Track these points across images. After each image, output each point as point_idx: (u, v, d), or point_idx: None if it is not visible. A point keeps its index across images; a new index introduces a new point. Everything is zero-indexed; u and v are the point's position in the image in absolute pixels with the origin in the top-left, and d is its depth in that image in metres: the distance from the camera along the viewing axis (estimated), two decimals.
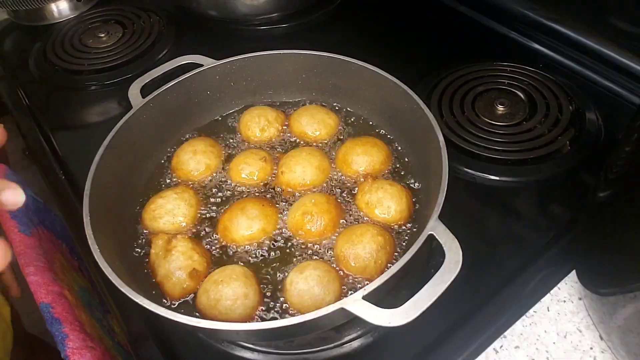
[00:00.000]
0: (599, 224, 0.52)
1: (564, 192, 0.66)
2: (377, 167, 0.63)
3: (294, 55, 0.69)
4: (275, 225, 0.59)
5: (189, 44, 0.96)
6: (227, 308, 0.51)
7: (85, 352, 0.54)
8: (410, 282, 0.56)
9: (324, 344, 0.54)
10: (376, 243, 0.54)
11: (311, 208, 0.58)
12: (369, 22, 0.99)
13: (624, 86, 0.77)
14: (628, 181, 0.46)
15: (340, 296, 0.52)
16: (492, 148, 0.68)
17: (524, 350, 0.53)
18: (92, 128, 0.84)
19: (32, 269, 0.63)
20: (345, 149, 0.65)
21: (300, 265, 0.54)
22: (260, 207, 0.59)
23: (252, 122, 0.69)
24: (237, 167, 0.65)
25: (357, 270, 0.54)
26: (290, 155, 0.65)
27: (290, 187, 0.63)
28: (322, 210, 0.58)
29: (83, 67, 0.91)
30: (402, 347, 0.53)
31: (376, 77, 0.64)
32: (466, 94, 0.76)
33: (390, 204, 0.58)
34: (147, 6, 1.04)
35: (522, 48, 0.86)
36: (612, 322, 0.49)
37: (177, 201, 0.60)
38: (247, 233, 0.58)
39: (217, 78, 0.70)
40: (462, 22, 0.94)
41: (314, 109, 0.70)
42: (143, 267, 0.57)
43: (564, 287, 0.57)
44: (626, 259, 0.45)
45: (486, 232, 0.63)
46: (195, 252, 0.56)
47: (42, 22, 1.04)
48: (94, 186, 0.54)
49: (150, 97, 0.65)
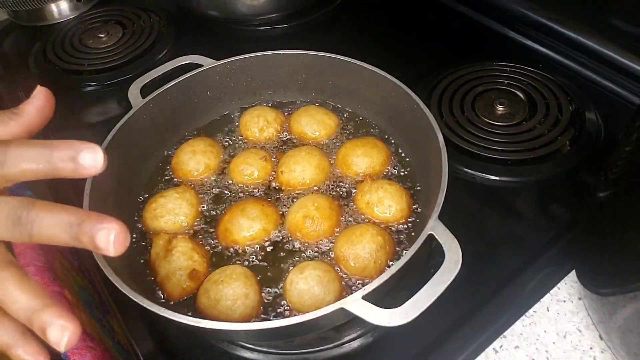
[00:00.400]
0: (599, 224, 0.52)
1: (564, 192, 0.66)
2: (377, 169, 0.63)
3: (294, 55, 0.69)
4: (276, 225, 0.59)
5: (189, 44, 0.96)
6: (227, 308, 0.51)
7: (85, 352, 0.54)
8: (410, 282, 0.56)
9: (324, 344, 0.54)
10: (376, 243, 0.54)
11: (313, 212, 0.58)
12: (369, 22, 0.99)
13: (624, 86, 0.77)
14: (628, 181, 0.46)
15: (340, 296, 0.52)
16: (492, 148, 0.69)
17: (523, 350, 0.53)
18: (92, 128, 0.84)
19: (32, 269, 0.63)
20: (345, 150, 0.65)
21: (300, 265, 0.54)
22: (260, 207, 0.59)
23: (251, 122, 0.69)
24: (238, 167, 0.65)
25: (357, 270, 0.54)
26: (289, 155, 0.65)
27: (290, 186, 0.63)
28: (324, 216, 0.58)
29: (83, 67, 0.91)
30: (402, 347, 0.54)
31: (376, 77, 0.64)
32: (466, 94, 0.76)
33: (391, 202, 0.58)
34: (147, 6, 1.04)
35: (522, 48, 0.86)
36: (612, 322, 0.49)
37: (178, 200, 0.60)
38: (248, 234, 0.58)
39: (217, 78, 0.70)
40: (462, 22, 0.94)
41: (314, 109, 0.70)
42: (143, 267, 0.57)
43: (564, 287, 0.57)
44: (626, 259, 0.45)
45: (486, 232, 0.63)
46: (195, 252, 0.56)
47: (42, 22, 1.04)
48: (94, 186, 0.54)
49: (150, 97, 0.65)
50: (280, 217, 0.60)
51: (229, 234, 0.58)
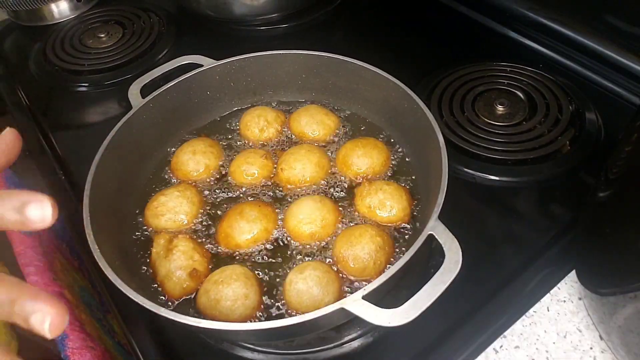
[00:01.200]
0: (599, 224, 0.52)
1: (564, 192, 0.66)
2: (377, 169, 0.63)
3: (294, 55, 0.69)
4: (276, 223, 0.59)
5: (189, 44, 0.96)
6: (227, 308, 0.51)
7: (85, 352, 0.54)
8: (410, 282, 0.56)
9: (324, 344, 0.54)
10: (375, 244, 0.54)
11: (314, 218, 0.57)
12: (369, 22, 0.99)
13: (624, 86, 0.77)
14: (628, 181, 0.46)
15: (339, 297, 0.52)
16: (492, 148, 0.68)
17: (523, 350, 0.53)
18: (92, 128, 0.84)
19: (32, 269, 0.63)
20: (345, 151, 0.65)
21: (300, 265, 0.54)
22: (258, 209, 0.59)
23: (252, 122, 0.69)
24: (240, 167, 0.65)
25: (357, 271, 0.54)
26: (289, 152, 0.65)
27: (290, 183, 0.63)
28: (327, 224, 0.58)
29: (83, 67, 0.91)
30: (402, 347, 0.54)
31: (376, 77, 0.64)
32: (466, 94, 0.76)
33: (392, 203, 0.58)
34: (147, 6, 1.04)
35: (522, 48, 0.86)
36: (612, 322, 0.49)
37: (179, 199, 0.60)
38: (250, 236, 0.58)
39: (217, 78, 0.70)
40: (462, 22, 0.94)
41: (314, 109, 0.70)
42: (143, 267, 0.57)
43: (564, 287, 0.57)
44: (626, 259, 0.45)
45: (486, 232, 0.63)
46: (196, 252, 0.56)
47: (42, 22, 1.04)
48: (94, 186, 0.54)
49: (150, 98, 0.65)
50: (279, 214, 0.60)
51: (230, 239, 0.58)
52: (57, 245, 0.74)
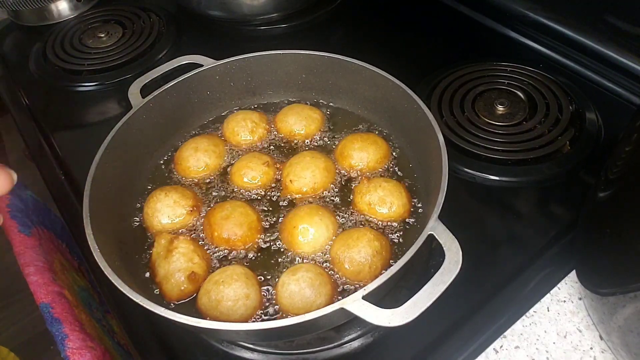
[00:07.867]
0: (599, 224, 0.52)
1: (564, 192, 0.66)
2: (372, 165, 0.63)
3: (294, 55, 0.69)
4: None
5: (189, 44, 0.96)
6: (228, 309, 0.51)
7: (85, 352, 0.54)
8: (410, 282, 0.56)
9: (324, 344, 0.54)
10: (372, 248, 0.54)
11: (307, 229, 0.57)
12: (369, 21, 0.99)
13: (624, 86, 0.77)
14: (628, 181, 0.46)
15: (331, 300, 0.52)
16: (492, 148, 0.69)
17: (524, 350, 0.53)
18: (92, 128, 0.84)
19: (32, 269, 0.63)
20: (344, 142, 0.65)
21: (293, 267, 0.54)
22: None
23: (238, 126, 0.69)
24: (240, 171, 0.64)
25: (351, 273, 0.54)
26: (293, 163, 0.63)
27: (301, 193, 0.62)
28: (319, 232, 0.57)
29: (83, 67, 0.91)
30: (402, 347, 0.54)
31: (376, 77, 0.64)
32: (466, 94, 0.76)
33: (392, 199, 0.58)
34: (147, 6, 1.04)
35: (522, 48, 0.86)
36: (612, 322, 0.49)
37: (179, 199, 0.60)
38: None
39: (217, 78, 0.70)
40: (462, 22, 0.94)
41: (298, 106, 0.71)
42: (143, 267, 0.57)
43: (564, 287, 0.57)
44: (626, 259, 0.45)
45: (486, 232, 0.63)
46: (196, 254, 0.56)
47: (42, 22, 1.04)
48: (94, 186, 0.54)
49: (150, 97, 0.65)
50: (280, 219, 0.60)
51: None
52: (57, 245, 0.74)
